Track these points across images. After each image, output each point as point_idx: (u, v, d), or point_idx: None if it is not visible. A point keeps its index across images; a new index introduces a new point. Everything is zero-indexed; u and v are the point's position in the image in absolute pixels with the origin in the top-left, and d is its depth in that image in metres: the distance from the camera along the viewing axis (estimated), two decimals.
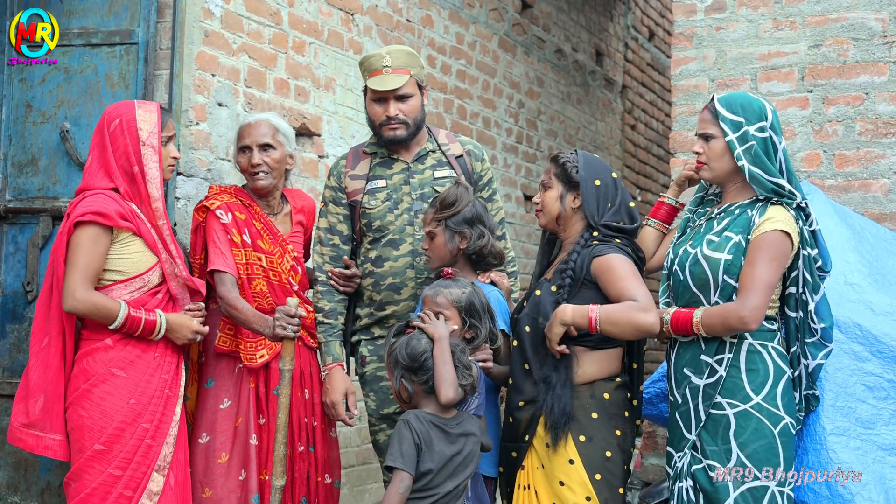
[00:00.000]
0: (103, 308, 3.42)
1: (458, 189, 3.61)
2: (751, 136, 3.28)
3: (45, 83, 4.46)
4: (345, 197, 3.90)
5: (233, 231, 3.75)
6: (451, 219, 3.57)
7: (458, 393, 3.22)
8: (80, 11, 4.45)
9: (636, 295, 3.26)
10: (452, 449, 3.23)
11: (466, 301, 3.41)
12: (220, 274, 3.69)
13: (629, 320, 3.24)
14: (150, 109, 3.57)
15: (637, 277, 3.34)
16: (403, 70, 3.79)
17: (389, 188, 3.85)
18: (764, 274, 3.17)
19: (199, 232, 3.83)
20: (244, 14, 4.77)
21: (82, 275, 3.40)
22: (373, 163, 3.90)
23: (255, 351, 3.75)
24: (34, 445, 3.48)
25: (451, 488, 3.21)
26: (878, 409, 3.43)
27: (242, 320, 3.64)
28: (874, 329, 3.53)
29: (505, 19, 7.18)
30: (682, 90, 5.05)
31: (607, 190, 3.47)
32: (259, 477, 3.75)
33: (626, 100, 9.20)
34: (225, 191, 3.89)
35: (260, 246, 3.81)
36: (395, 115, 3.79)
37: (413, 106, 3.82)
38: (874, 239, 4.01)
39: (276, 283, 3.82)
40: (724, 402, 3.23)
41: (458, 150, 3.94)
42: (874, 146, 4.69)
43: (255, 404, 3.79)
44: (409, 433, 3.18)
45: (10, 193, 4.49)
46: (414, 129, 3.84)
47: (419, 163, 3.88)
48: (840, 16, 4.76)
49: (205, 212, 3.80)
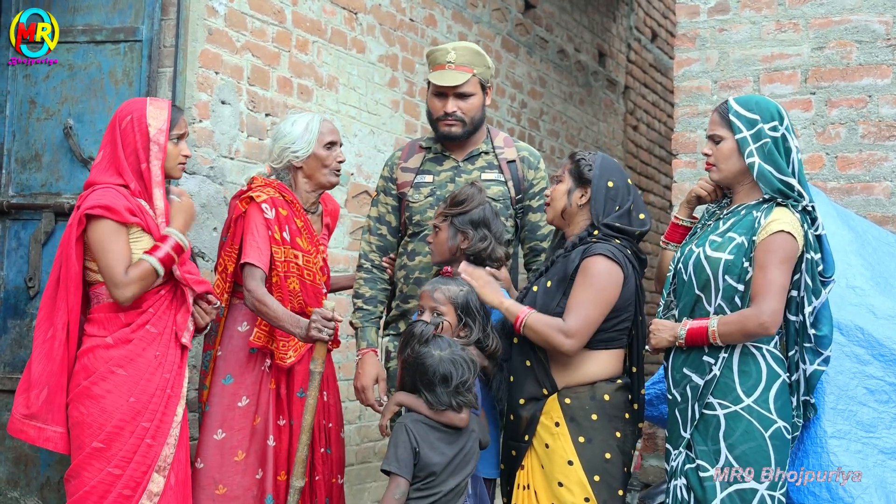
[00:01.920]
0: (144, 277, 3.41)
1: (471, 190, 3.62)
2: (765, 134, 3.28)
3: (49, 80, 4.46)
4: (395, 188, 3.93)
5: (275, 228, 3.69)
6: (457, 217, 3.58)
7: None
8: (84, 8, 4.45)
9: (580, 314, 3.31)
10: (454, 448, 3.23)
11: (463, 299, 3.45)
12: (252, 268, 3.63)
13: (546, 339, 3.34)
14: (162, 107, 3.57)
15: (598, 295, 3.33)
16: (467, 68, 3.80)
17: (435, 184, 3.86)
18: (777, 277, 3.17)
19: (239, 222, 3.73)
20: (248, 12, 4.77)
21: (120, 266, 3.40)
22: (426, 157, 3.92)
23: (286, 350, 3.71)
24: (35, 437, 3.48)
25: (452, 486, 3.21)
26: (879, 413, 3.43)
27: (272, 317, 3.57)
28: (876, 332, 3.53)
29: (508, 19, 7.18)
30: (685, 91, 5.05)
31: (618, 192, 3.47)
32: (276, 478, 3.73)
33: (629, 101, 9.20)
34: (269, 184, 3.78)
35: (298, 244, 3.76)
36: (453, 112, 3.80)
37: (472, 105, 3.82)
38: (876, 242, 4.01)
39: (308, 283, 3.78)
40: (715, 402, 3.23)
41: (512, 156, 3.93)
42: (877, 149, 4.69)
43: (275, 405, 3.76)
44: (405, 437, 3.18)
45: (13, 189, 4.49)
46: (471, 128, 3.84)
47: (469, 163, 3.89)
48: (843, 18, 4.76)
49: (248, 203, 3.72)
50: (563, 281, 3.41)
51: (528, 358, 3.44)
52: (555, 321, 3.34)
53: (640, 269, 3.49)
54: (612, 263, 3.36)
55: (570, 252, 3.44)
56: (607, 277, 3.35)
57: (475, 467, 3.34)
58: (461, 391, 3.23)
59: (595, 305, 3.34)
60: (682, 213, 3.62)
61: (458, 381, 3.22)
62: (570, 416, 3.37)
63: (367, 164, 5.61)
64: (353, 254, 5.51)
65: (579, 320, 3.32)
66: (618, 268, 3.37)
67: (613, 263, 3.36)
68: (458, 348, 3.27)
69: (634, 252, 3.47)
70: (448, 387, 3.22)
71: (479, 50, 3.87)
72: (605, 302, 3.35)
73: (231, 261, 3.74)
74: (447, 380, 3.22)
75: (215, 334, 3.81)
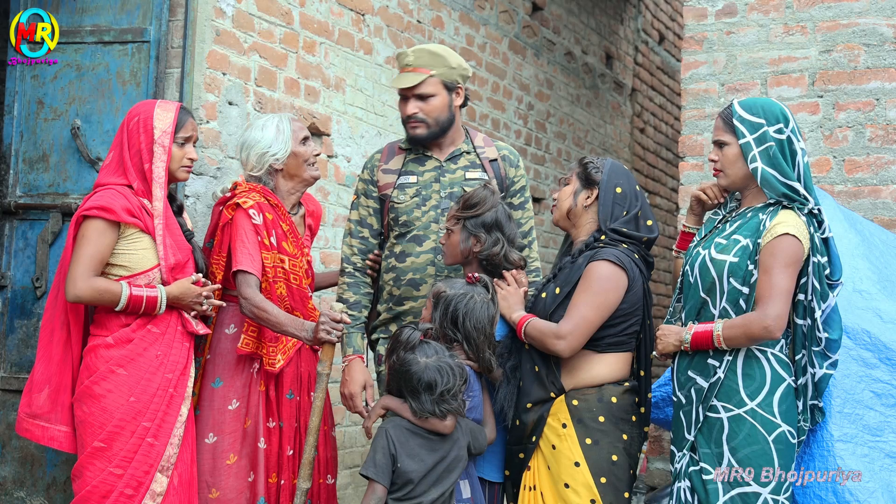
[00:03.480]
0: (106, 291, 3.42)
1: (485, 192, 3.61)
2: (770, 137, 3.27)
3: (56, 80, 4.47)
4: (376, 190, 3.92)
5: (263, 233, 3.67)
6: (470, 220, 3.57)
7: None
8: (92, 9, 4.46)
9: (574, 316, 3.33)
10: (435, 456, 3.21)
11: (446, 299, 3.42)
12: (246, 275, 3.61)
13: (542, 343, 3.39)
14: (169, 109, 3.57)
15: (595, 299, 3.34)
16: (424, 69, 3.79)
17: (420, 185, 3.85)
18: (781, 280, 3.16)
19: (226, 230, 3.72)
20: (256, 13, 4.78)
21: (85, 265, 3.41)
22: (406, 158, 3.91)
23: (274, 356, 3.71)
24: (40, 436, 3.50)
25: (435, 496, 3.19)
26: (886, 417, 3.42)
27: (273, 323, 3.56)
28: (883, 336, 3.52)
29: (515, 21, 7.18)
30: (692, 94, 5.04)
31: (626, 198, 3.47)
32: (267, 480, 3.73)
33: (636, 103, 9.19)
34: (253, 189, 3.77)
35: (285, 248, 3.76)
36: (414, 114, 3.80)
37: (434, 106, 3.81)
38: (883, 245, 4.00)
39: (294, 287, 3.78)
40: (719, 405, 3.23)
41: (493, 154, 3.92)
42: (884, 152, 4.68)
43: (265, 407, 3.75)
44: (384, 442, 3.17)
45: (21, 189, 4.50)
46: (436, 129, 3.83)
47: (452, 162, 3.88)
48: (851, 21, 4.75)
49: (234, 209, 3.70)
50: (568, 287, 3.42)
51: (537, 363, 3.45)
52: (549, 325, 3.37)
53: (648, 272, 3.49)
54: (616, 268, 3.36)
55: (577, 258, 3.45)
56: (607, 282, 3.35)
57: (460, 476, 3.30)
58: (446, 398, 3.21)
59: (591, 308, 3.34)
60: (690, 221, 3.61)
61: (443, 388, 3.20)
62: (577, 418, 3.37)
63: None
64: None
65: (572, 322, 3.33)
66: (621, 272, 3.37)
67: (617, 268, 3.36)
68: (445, 355, 3.26)
69: (642, 256, 3.47)
70: (433, 394, 3.21)
71: (439, 51, 3.85)
72: (602, 305, 3.35)
73: (219, 268, 3.74)
74: (432, 387, 3.21)
75: (204, 341, 3.80)
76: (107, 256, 3.45)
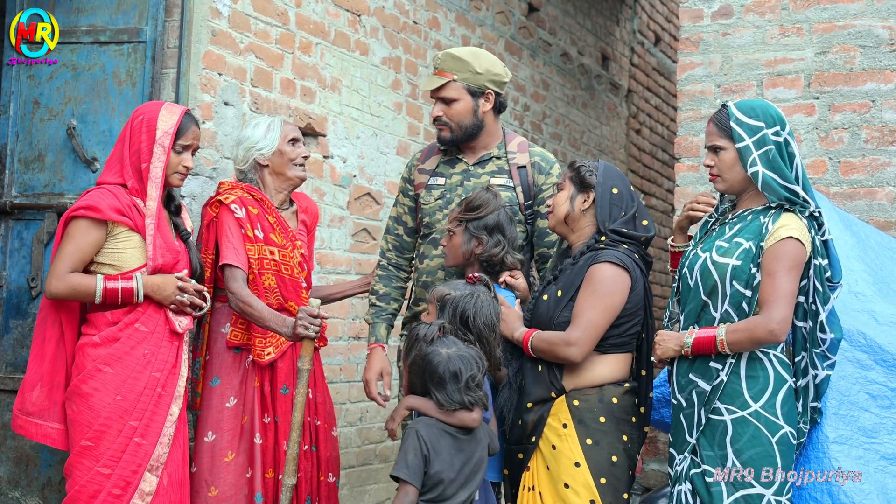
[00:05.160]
0: (80, 286, 3.43)
1: (487, 195, 3.65)
2: (769, 140, 3.26)
3: (52, 80, 4.47)
4: (412, 189, 3.98)
5: (247, 226, 3.74)
6: (472, 222, 3.62)
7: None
8: (88, 9, 4.45)
9: (582, 321, 3.34)
10: (462, 457, 3.19)
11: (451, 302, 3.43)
12: (232, 269, 3.69)
13: (553, 354, 3.41)
14: (174, 112, 3.58)
15: (602, 301, 3.35)
16: (445, 73, 3.83)
17: (446, 187, 3.89)
18: (786, 284, 3.16)
19: (211, 227, 3.81)
20: (251, 14, 4.78)
21: (64, 262, 3.43)
22: (441, 159, 3.96)
23: (264, 347, 3.75)
24: (34, 433, 3.52)
25: (464, 498, 3.16)
26: (881, 418, 3.42)
27: (257, 318, 3.63)
28: (878, 338, 3.52)
29: (511, 22, 7.19)
30: (688, 95, 5.05)
31: (622, 198, 3.48)
32: (264, 475, 3.75)
33: (632, 104, 9.20)
34: (236, 186, 3.87)
35: (272, 239, 3.80)
36: (439, 117, 3.85)
37: (456, 110, 3.83)
38: (879, 247, 4.00)
39: (286, 278, 3.81)
40: (722, 407, 3.22)
41: (524, 161, 3.91)
42: (880, 154, 4.68)
43: (259, 403, 3.78)
44: (416, 443, 3.13)
45: (17, 189, 4.50)
46: (460, 134, 3.85)
47: (479, 167, 3.90)
48: (847, 23, 4.76)
49: (218, 206, 3.79)
50: (571, 290, 3.42)
51: (541, 363, 3.45)
52: (556, 335, 3.38)
53: (647, 271, 3.50)
54: (619, 269, 3.37)
55: (578, 260, 3.45)
56: (612, 284, 3.36)
57: (483, 479, 3.30)
58: (471, 387, 3.20)
59: (599, 311, 3.34)
60: (679, 241, 3.63)
61: (468, 375, 3.19)
62: (578, 418, 3.38)
63: (369, 166, 5.61)
64: (356, 255, 5.51)
65: (581, 327, 3.34)
66: (625, 273, 3.38)
67: (620, 269, 3.37)
68: (462, 346, 3.26)
69: (641, 256, 3.48)
70: (459, 383, 3.18)
71: (465, 55, 3.86)
72: (609, 308, 3.35)
73: (208, 266, 3.80)
74: (457, 376, 3.19)
75: (202, 341, 3.86)
76: (89, 254, 3.46)
